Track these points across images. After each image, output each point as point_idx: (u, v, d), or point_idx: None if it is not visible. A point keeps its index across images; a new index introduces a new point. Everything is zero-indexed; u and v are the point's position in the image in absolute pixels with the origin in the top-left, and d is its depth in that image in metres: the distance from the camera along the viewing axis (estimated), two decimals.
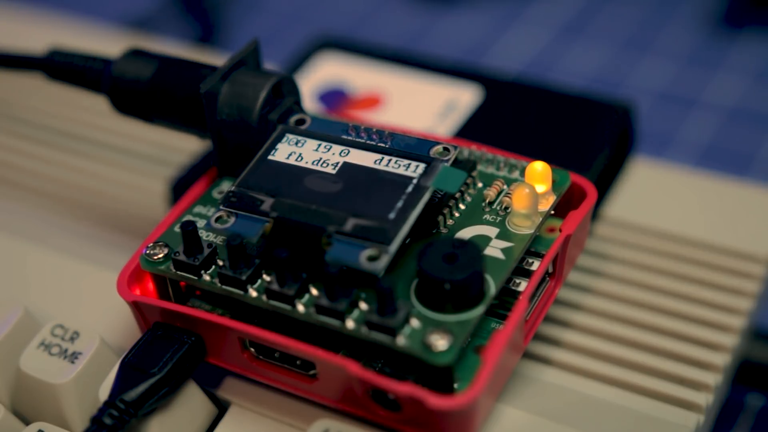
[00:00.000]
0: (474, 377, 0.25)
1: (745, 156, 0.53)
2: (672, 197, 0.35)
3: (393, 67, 0.38)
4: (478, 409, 0.25)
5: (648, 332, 0.30)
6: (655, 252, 0.33)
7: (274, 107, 0.29)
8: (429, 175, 0.27)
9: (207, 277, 0.27)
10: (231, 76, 0.29)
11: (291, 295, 0.26)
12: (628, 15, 0.63)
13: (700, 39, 0.61)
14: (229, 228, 0.27)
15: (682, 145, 0.54)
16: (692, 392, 0.29)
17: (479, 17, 0.64)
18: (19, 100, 0.41)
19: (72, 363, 0.28)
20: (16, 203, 0.36)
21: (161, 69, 0.30)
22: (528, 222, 0.27)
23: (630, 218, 0.34)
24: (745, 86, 0.57)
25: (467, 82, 0.37)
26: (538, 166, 0.28)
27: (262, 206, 0.27)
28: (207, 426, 0.28)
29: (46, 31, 0.44)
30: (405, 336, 0.25)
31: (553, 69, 0.59)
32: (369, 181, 0.27)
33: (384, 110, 0.36)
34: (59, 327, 0.28)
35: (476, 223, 0.28)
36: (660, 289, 0.31)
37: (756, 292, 0.31)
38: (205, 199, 0.30)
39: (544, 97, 0.36)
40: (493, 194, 0.28)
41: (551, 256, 0.27)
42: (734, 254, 0.33)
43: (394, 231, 0.25)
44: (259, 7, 0.64)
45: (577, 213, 0.28)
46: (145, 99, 0.30)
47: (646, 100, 0.56)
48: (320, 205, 0.26)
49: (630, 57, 0.60)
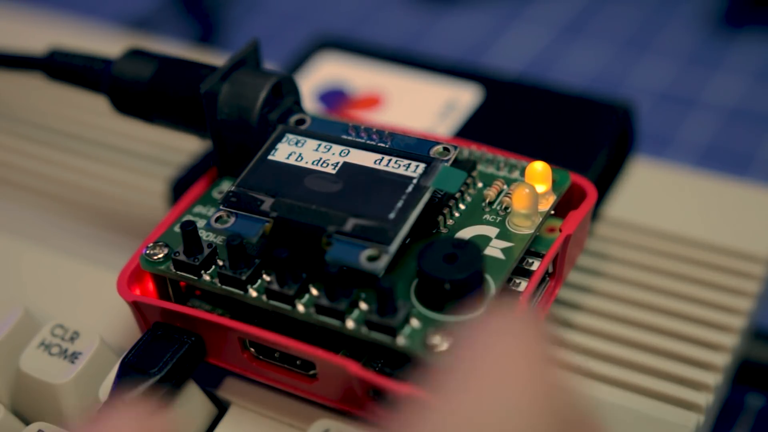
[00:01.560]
0: None
1: (745, 156, 0.53)
2: (672, 197, 0.35)
3: (393, 67, 0.38)
4: None
5: (648, 332, 0.30)
6: (655, 252, 0.33)
7: (274, 107, 0.29)
8: (429, 175, 0.27)
9: (207, 277, 0.27)
10: (231, 76, 0.29)
11: (291, 295, 0.26)
12: (628, 15, 0.63)
13: (700, 39, 0.61)
14: (229, 228, 0.27)
15: (682, 145, 0.54)
16: (692, 392, 0.29)
17: (479, 17, 0.64)
18: (19, 100, 0.41)
19: (72, 363, 0.28)
20: (16, 203, 0.36)
21: (161, 69, 0.30)
22: (528, 222, 0.27)
23: (630, 218, 0.34)
24: (745, 86, 0.57)
25: (467, 82, 0.37)
26: (538, 166, 0.28)
27: (262, 206, 0.27)
28: (207, 426, 0.28)
29: (46, 31, 0.44)
30: (405, 336, 0.25)
31: (553, 69, 0.59)
32: (369, 181, 0.27)
33: (384, 110, 0.36)
34: (59, 327, 0.28)
35: (476, 223, 0.28)
36: (660, 289, 0.31)
37: (756, 292, 0.31)
38: (205, 199, 0.30)
39: (544, 97, 0.36)
40: (493, 194, 0.28)
41: (551, 256, 0.27)
42: (734, 254, 0.33)
43: (394, 231, 0.25)
44: (259, 7, 0.64)
45: (577, 213, 0.28)
46: (145, 99, 0.30)
47: (646, 100, 0.56)
48: (320, 205, 0.26)
49: (630, 57, 0.60)
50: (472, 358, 0.20)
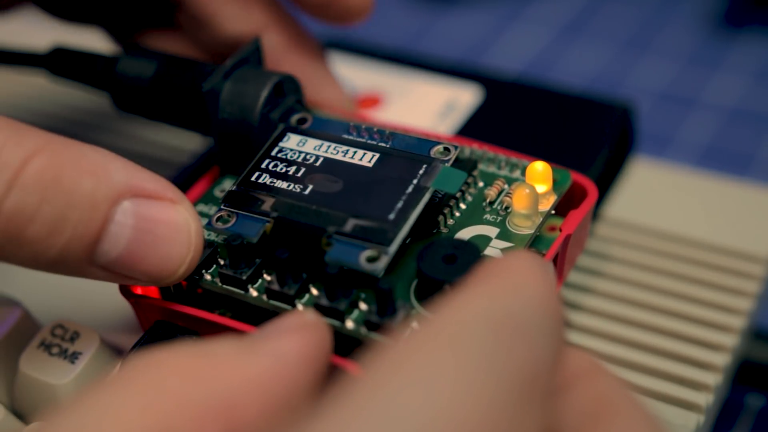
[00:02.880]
0: None
1: (745, 156, 0.53)
2: (672, 197, 0.35)
3: (393, 67, 0.38)
4: None
5: (648, 332, 0.30)
6: (655, 252, 0.33)
7: (276, 106, 0.29)
8: (429, 175, 0.27)
9: (208, 276, 0.27)
10: (233, 75, 0.29)
11: (291, 295, 0.26)
12: (628, 15, 0.63)
13: (700, 39, 0.61)
14: (229, 227, 0.27)
15: (682, 145, 0.54)
16: (692, 392, 0.29)
17: (479, 17, 0.64)
18: (19, 100, 0.41)
19: (72, 363, 0.28)
20: None
21: (163, 67, 0.30)
22: (528, 222, 0.27)
23: (630, 218, 0.34)
24: (745, 86, 0.57)
25: (467, 82, 0.37)
26: (538, 166, 0.28)
27: (263, 206, 0.27)
28: None
29: (47, 31, 0.43)
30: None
31: (553, 69, 0.60)
32: (369, 181, 0.27)
33: (384, 110, 0.36)
34: (59, 327, 0.28)
35: (477, 223, 0.28)
36: (660, 289, 0.31)
37: (756, 292, 0.31)
38: (207, 197, 0.30)
39: (544, 97, 0.36)
40: (494, 194, 0.28)
41: (551, 255, 0.27)
42: (734, 254, 0.33)
43: (393, 232, 0.25)
44: None
45: (578, 212, 0.28)
46: (147, 97, 0.30)
47: (646, 100, 0.56)
48: (320, 206, 0.26)
49: (630, 57, 0.60)
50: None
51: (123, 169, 0.24)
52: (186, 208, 0.25)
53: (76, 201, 0.23)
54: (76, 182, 0.23)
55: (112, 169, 0.24)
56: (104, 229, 0.24)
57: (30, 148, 0.23)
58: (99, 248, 0.24)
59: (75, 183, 0.23)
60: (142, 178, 0.24)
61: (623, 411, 0.20)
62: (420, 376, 0.18)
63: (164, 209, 0.25)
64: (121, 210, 0.24)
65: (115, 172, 0.24)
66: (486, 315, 0.19)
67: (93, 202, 0.23)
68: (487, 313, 0.19)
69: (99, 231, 0.24)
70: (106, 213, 0.24)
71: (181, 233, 0.25)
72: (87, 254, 0.24)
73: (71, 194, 0.23)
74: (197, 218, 0.25)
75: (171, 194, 0.25)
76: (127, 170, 0.24)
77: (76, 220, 0.23)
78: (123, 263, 0.24)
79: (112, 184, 0.24)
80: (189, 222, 0.25)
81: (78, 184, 0.23)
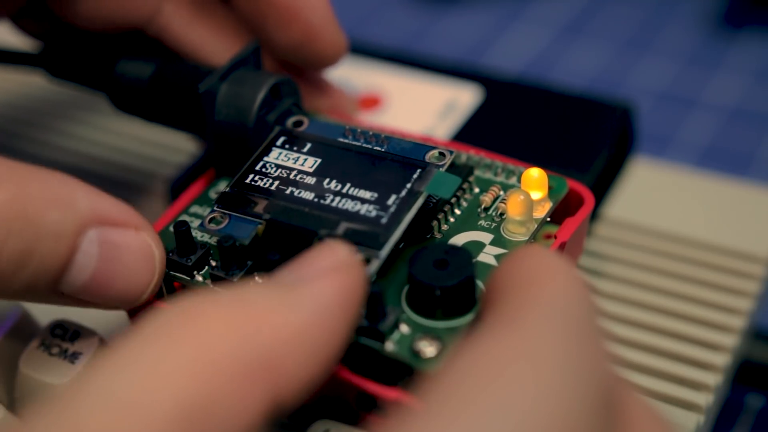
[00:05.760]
0: None
1: (745, 156, 0.53)
2: (672, 197, 0.35)
3: (393, 67, 0.38)
4: None
5: (648, 332, 0.30)
6: (655, 252, 0.33)
7: (273, 108, 0.29)
8: (423, 180, 0.26)
9: (199, 277, 0.27)
10: (230, 77, 0.29)
11: None
12: (628, 15, 0.63)
13: (700, 39, 0.61)
14: (221, 229, 0.26)
15: (682, 145, 0.54)
16: (692, 392, 0.28)
17: (479, 17, 0.64)
18: (19, 100, 0.41)
19: (72, 363, 0.28)
20: None
21: (161, 68, 0.30)
22: (522, 229, 0.27)
23: (630, 218, 0.34)
24: (745, 86, 0.57)
25: (467, 83, 0.37)
26: (534, 173, 0.27)
27: (256, 208, 0.27)
28: None
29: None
30: (394, 342, 0.24)
31: (553, 69, 0.60)
32: (362, 184, 0.27)
33: (384, 110, 0.36)
34: (59, 327, 0.28)
35: (471, 229, 0.27)
36: (660, 289, 0.31)
37: (756, 292, 0.31)
38: (202, 199, 0.30)
39: (544, 97, 0.36)
40: (489, 200, 0.28)
41: None
42: (734, 254, 0.33)
43: (385, 236, 0.25)
44: None
45: (573, 220, 0.27)
46: (144, 97, 0.30)
47: (646, 100, 0.56)
48: (313, 208, 0.26)
49: (630, 57, 0.60)
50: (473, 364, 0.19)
51: (87, 198, 0.24)
52: (149, 234, 0.25)
53: (42, 233, 0.23)
54: (41, 215, 0.23)
55: (77, 198, 0.24)
56: (71, 259, 0.24)
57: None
58: (65, 278, 0.24)
59: (40, 215, 0.23)
60: (107, 205, 0.24)
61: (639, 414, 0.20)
62: (514, 391, 0.18)
63: (129, 237, 0.24)
64: (87, 239, 0.24)
65: (79, 201, 0.24)
66: (552, 324, 0.19)
67: (59, 234, 0.23)
68: (554, 322, 0.19)
69: (65, 261, 0.23)
70: (72, 243, 0.23)
71: (146, 260, 0.25)
72: (54, 284, 0.24)
73: (37, 227, 0.23)
74: (161, 244, 0.25)
75: (135, 221, 0.25)
76: (91, 198, 0.24)
77: (42, 253, 0.23)
78: (89, 291, 0.24)
79: (78, 214, 0.23)
80: (153, 249, 0.25)
81: (43, 216, 0.23)
